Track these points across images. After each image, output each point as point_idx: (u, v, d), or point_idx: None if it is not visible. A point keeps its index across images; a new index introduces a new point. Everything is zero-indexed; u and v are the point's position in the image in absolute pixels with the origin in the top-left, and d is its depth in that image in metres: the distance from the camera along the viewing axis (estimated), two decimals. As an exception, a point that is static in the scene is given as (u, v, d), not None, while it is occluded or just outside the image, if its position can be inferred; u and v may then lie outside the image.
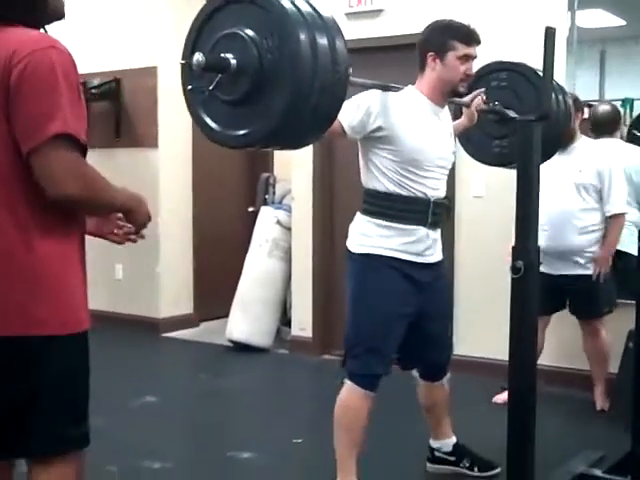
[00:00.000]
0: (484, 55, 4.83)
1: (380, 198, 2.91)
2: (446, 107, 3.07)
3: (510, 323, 2.78)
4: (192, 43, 2.10)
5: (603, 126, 4.43)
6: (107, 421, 4.02)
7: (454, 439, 3.35)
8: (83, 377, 1.87)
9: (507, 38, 4.80)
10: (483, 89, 3.20)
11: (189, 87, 2.07)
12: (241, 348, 5.68)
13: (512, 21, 4.78)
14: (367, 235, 2.93)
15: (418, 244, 2.93)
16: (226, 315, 5.86)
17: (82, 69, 1.88)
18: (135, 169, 6.10)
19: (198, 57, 1.94)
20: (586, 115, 4.48)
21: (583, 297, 4.11)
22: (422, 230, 2.92)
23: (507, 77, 3.30)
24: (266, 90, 1.95)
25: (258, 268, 5.77)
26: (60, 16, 1.89)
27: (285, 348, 5.74)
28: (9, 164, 1.71)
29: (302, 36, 1.92)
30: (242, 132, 2.04)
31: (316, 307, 5.54)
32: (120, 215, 2.03)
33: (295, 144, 2.30)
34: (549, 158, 3.48)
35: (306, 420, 4.40)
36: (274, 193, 6.09)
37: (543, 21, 4.45)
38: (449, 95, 3.00)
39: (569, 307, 4.17)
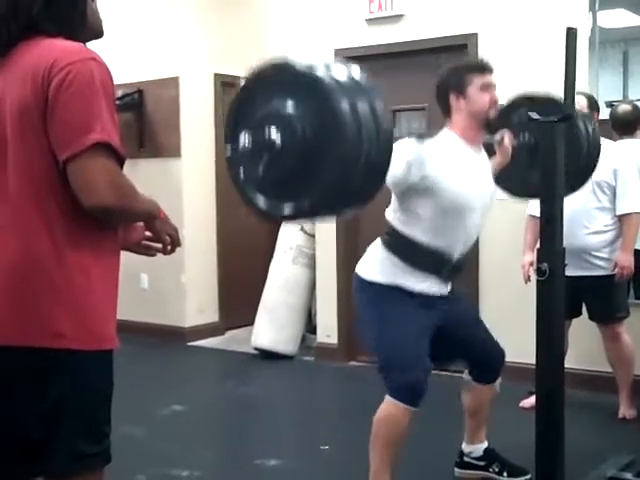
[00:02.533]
0: (507, 59, 4.85)
1: (405, 242, 2.93)
2: (482, 147, 3.08)
3: (536, 326, 2.76)
4: (233, 125, 2.06)
5: (624, 126, 4.39)
6: (135, 430, 4.05)
7: (485, 444, 3.34)
8: (105, 395, 1.84)
9: (529, 40, 4.78)
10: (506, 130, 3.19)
11: (241, 173, 2.04)
12: (267, 355, 5.69)
13: (533, 23, 4.76)
14: (384, 268, 2.96)
15: (432, 287, 2.98)
16: (251, 323, 5.88)
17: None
18: (158, 179, 6.14)
19: (243, 138, 1.93)
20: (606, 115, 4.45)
21: (598, 300, 4.06)
22: (438, 279, 2.97)
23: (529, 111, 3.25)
24: (313, 162, 1.90)
25: (283, 275, 5.78)
26: (98, 34, 1.91)
27: (310, 355, 5.74)
28: (46, 174, 1.71)
29: (341, 101, 1.86)
30: (291, 206, 1.98)
31: (341, 314, 5.53)
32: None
33: (347, 211, 2.27)
34: (574, 191, 3.48)
35: (333, 427, 4.40)
36: (297, 200, 6.10)
37: (564, 22, 4.43)
38: (482, 127, 2.99)
39: (587, 312, 4.13)
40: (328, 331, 5.60)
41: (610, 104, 5.07)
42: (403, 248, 2.94)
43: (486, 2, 4.91)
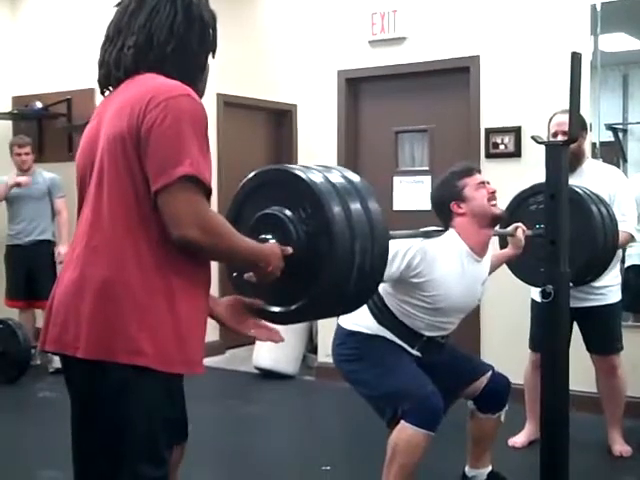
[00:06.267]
0: (508, 81, 4.88)
1: (388, 313, 3.03)
2: (488, 253, 3.12)
3: (541, 349, 2.77)
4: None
5: None
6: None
7: (490, 468, 3.31)
8: (169, 418, 1.89)
9: (531, 62, 4.82)
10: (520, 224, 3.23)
11: (234, 274, 2.08)
12: (267, 375, 5.69)
13: (535, 45, 4.80)
14: (365, 321, 3.05)
15: (410, 350, 3.07)
16: (252, 342, 5.86)
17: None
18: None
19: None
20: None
21: (598, 330, 3.91)
22: (412, 349, 3.07)
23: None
24: (309, 264, 1.93)
25: (284, 295, 5.77)
26: (201, 92, 1.96)
27: (311, 375, 5.73)
28: (137, 201, 1.78)
29: (334, 205, 1.90)
30: (292, 307, 2.01)
31: (342, 333, 5.52)
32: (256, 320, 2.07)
33: (346, 311, 2.30)
34: (597, 277, 3.52)
35: (334, 447, 4.39)
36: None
37: (566, 45, 4.48)
38: (489, 224, 3.05)
39: (585, 343, 3.94)
40: (329, 351, 5.56)
41: (610, 127, 5.11)
42: (385, 317, 3.03)
43: (488, 25, 4.96)
